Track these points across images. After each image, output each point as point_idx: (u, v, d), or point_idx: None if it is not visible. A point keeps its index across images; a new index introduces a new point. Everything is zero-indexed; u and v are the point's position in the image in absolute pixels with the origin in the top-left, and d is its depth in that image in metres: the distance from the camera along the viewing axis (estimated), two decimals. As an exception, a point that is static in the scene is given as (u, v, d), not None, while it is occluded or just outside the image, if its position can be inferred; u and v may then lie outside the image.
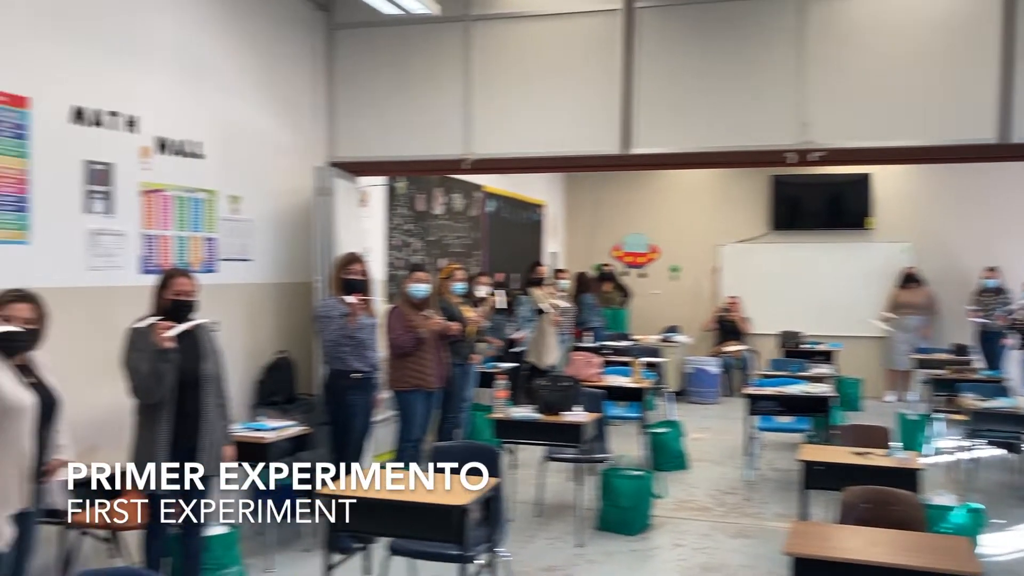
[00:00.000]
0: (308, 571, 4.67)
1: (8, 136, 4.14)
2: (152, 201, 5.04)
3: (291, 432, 5.11)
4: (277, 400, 5.92)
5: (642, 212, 12.47)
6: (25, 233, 4.24)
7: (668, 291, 12.31)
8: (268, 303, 6.11)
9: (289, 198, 6.30)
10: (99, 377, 4.32)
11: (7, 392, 3.18)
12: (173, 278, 4.12)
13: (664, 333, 11.10)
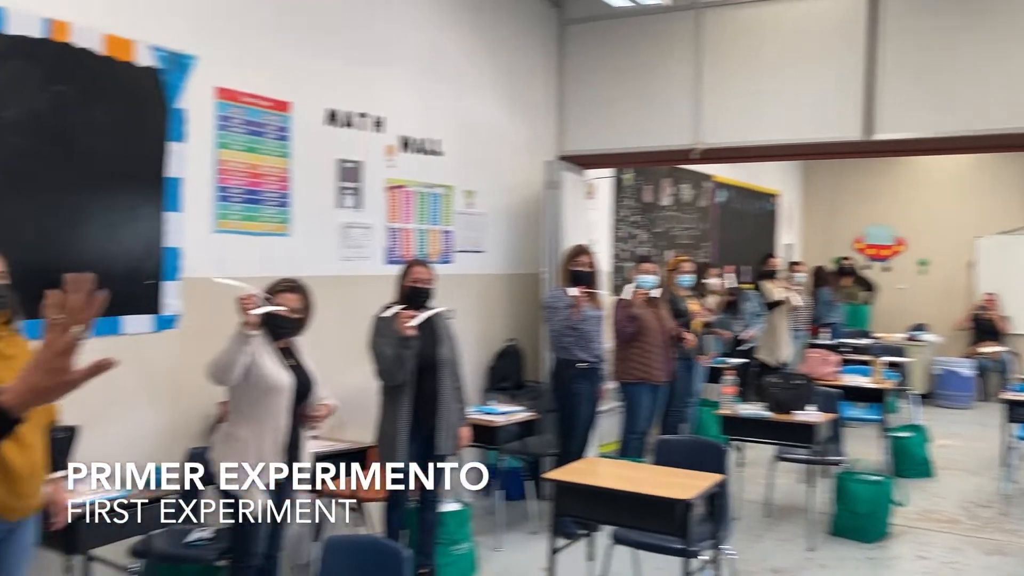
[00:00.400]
0: (534, 552, 4.81)
1: (274, 138, 4.57)
2: (396, 196, 5.38)
3: (520, 417, 5.28)
4: (506, 386, 6.13)
5: (886, 201, 11.68)
6: (286, 226, 4.67)
7: (915, 286, 11.46)
8: (499, 293, 6.34)
9: (520, 192, 6.50)
10: (348, 359, 4.68)
11: (269, 372, 3.52)
12: (412, 267, 4.40)
13: (910, 331, 10.36)
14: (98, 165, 3.75)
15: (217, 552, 3.70)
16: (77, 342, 1.19)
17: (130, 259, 3.89)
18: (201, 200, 4.21)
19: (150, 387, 4.00)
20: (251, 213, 4.47)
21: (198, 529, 3.84)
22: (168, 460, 3.83)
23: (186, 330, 4.08)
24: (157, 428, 4.04)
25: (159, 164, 4.00)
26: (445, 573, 4.48)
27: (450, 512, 4.63)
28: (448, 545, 4.57)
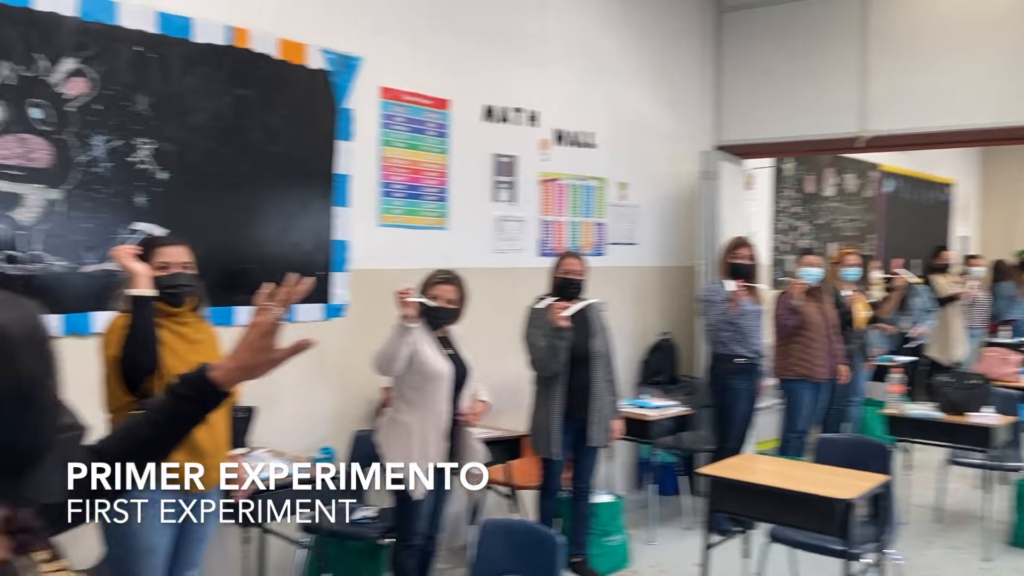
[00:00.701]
0: (687, 547, 4.77)
1: (434, 135, 4.73)
2: (549, 189, 5.44)
3: (673, 412, 5.24)
4: (660, 380, 6.09)
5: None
6: (444, 220, 4.82)
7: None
8: (652, 286, 6.30)
9: (674, 183, 6.42)
10: (502, 350, 4.78)
11: (429, 360, 3.66)
12: (564, 259, 4.46)
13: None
14: (274, 164, 4.00)
15: (380, 531, 3.88)
16: (279, 324, 1.30)
17: (303, 252, 4.12)
18: (367, 196, 4.41)
19: (320, 372, 4.23)
20: (412, 208, 4.64)
21: (363, 508, 4.04)
22: (336, 441, 4.06)
23: (353, 319, 4.29)
24: (326, 411, 4.27)
25: (329, 162, 4.22)
26: (598, 563, 4.52)
27: (603, 503, 4.65)
28: (601, 536, 4.60)
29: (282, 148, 4.02)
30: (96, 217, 3.41)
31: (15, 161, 3.19)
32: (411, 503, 3.68)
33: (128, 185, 3.50)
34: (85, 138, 3.37)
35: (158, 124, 3.58)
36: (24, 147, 3.21)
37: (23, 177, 3.21)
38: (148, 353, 2.74)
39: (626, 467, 5.94)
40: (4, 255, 3.17)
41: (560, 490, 4.46)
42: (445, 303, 3.72)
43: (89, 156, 3.39)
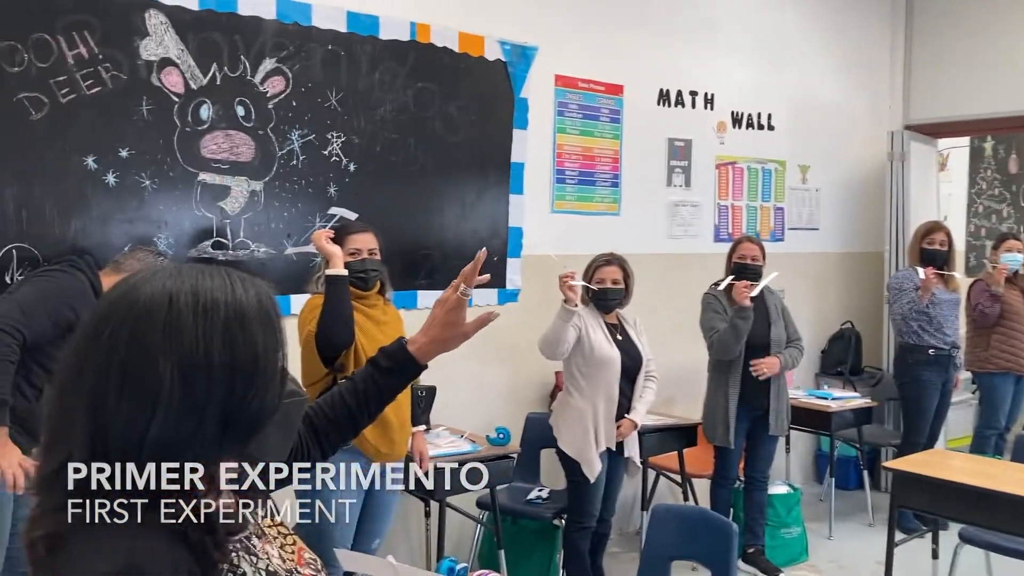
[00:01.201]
0: (869, 545, 4.58)
1: (607, 121, 4.75)
2: (725, 173, 5.34)
3: (855, 404, 5.03)
4: (841, 371, 5.85)
5: None
6: (617, 206, 4.83)
7: None
8: (834, 273, 6.05)
9: (858, 166, 6.14)
10: (676, 336, 4.75)
11: (597, 346, 3.70)
12: (741, 243, 4.36)
13: None
14: (454, 153, 4.14)
15: (554, 511, 3.96)
16: (465, 300, 1.39)
17: (480, 238, 4.25)
18: (540, 183, 4.49)
19: (495, 355, 4.35)
20: (585, 194, 4.68)
21: (537, 488, 4.14)
22: (511, 423, 4.17)
23: (526, 304, 4.39)
24: (501, 393, 4.39)
25: (506, 150, 4.32)
26: (774, 555, 4.41)
27: (779, 494, 4.54)
28: (777, 528, 4.50)
29: (461, 138, 4.16)
30: (293, 206, 3.66)
31: (223, 156, 3.47)
32: (584, 486, 3.74)
33: (321, 176, 3.73)
34: (283, 133, 3.62)
35: (347, 118, 3.79)
36: (231, 142, 3.49)
37: (229, 170, 3.49)
38: (345, 328, 2.93)
39: (803, 459, 5.76)
40: (213, 242, 3.46)
41: (735, 480, 4.39)
42: (610, 285, 3.74)
43: (287, 150, 3.64)
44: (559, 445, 3.79)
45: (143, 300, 0.95)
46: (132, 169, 3.25)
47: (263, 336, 0.99)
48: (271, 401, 0.99)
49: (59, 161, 3.05)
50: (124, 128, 3.23)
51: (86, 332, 0.96)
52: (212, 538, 0.96)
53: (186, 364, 0.93)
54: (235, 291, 0.99)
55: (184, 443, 0.94)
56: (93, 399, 0.93)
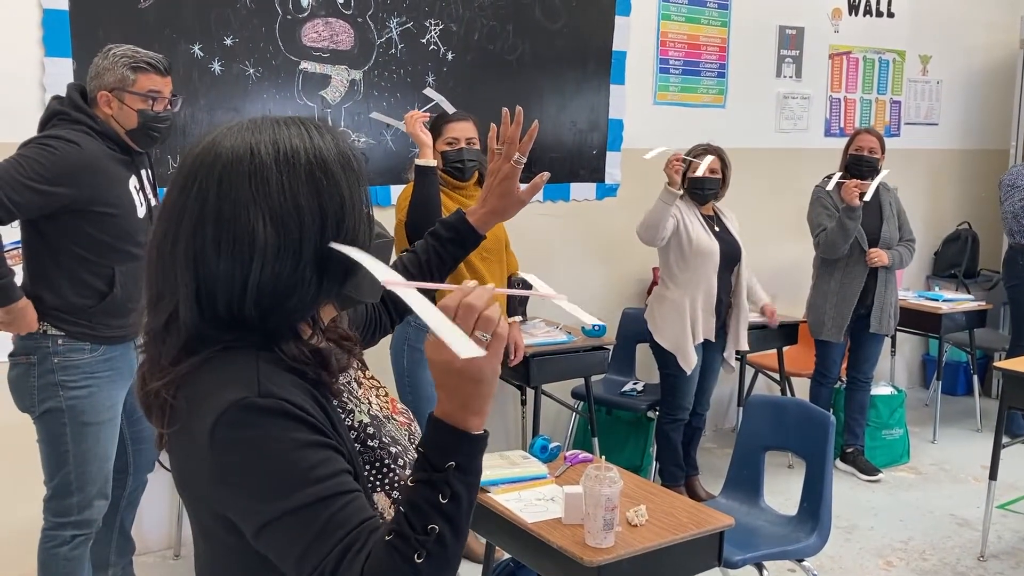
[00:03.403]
0: (975, 449, 4.46)
1: (714, 7, 4.55)
2: (839, 64, 5.07)
3: (967, 306, 4.83)
4: (955, 273, 5.61)
5: None
6: (723, 98, 4.66)
7: None
8: (953, 170, 5.74)
9: (987, 55, 5.73)
10: (783, 233, 4.62)
11: (696, 237, 3.64)
12: (859, 135, 4.17)
13: None
14: (553, 41, 4.05)
15: (648, 403, 3.98)
16: (518, 168, 1.39)
17: (578, 131, 4.19)
18: (643, 73, 4.36)
19: (593, 250, 4.34)
20: (689, 85, 4.53)
21: (632, 380, 4.17)
22: (608, 317, 4.18)
23: (625, 199, 4.33)
24: (598, 287, 4.39)
25: (607, 39, 4.20)
26: (873, 456, 4.35)
27: (882, 396, 4.45)
28: (879, 429, 4.42)
29: (561, 25, 4.06)
30: (393, 96, 3.67)
31: (323, 44, 3.49)
32: (679, 378, 3.74)
33: (419, 65, 3.72)
34: (382, 21, 3.61)
35: (445, 5, 3.74)
36: (330, 30, 3.50)
37: (329, 59, 3.51)
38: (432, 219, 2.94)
39: (911, 362, 5.61)
40: (316, 131, 3.51)
41: (836, 379, 4.32)
42: (708, 174, 3.65)
43: (385, 38, 3.63)
44: (655, 338, 3.78)
45: (225, 153, 0.98)
46: (237, 57, 3.31)
47: (346, 179, 1.01)
48: (362, 242, 1.02)
49: (167, 48, 3.13)
50: (228, 15, 3.27)
51: (175, 189, 1.00)
52: (326, 372, 1.01)
53: (276, 211, 0.96)
54: (312, 138, 1.01)
55: (284, 287, 0.97)
56: (191, 253, 0.97)
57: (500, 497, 2.33)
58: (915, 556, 3.51)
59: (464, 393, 0.92)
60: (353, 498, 0.93)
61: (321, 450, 0.93)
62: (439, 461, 0.91)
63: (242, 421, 0.92)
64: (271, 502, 0.91)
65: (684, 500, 2.44)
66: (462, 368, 0.89)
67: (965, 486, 4.10)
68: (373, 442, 1.05)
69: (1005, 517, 3.81)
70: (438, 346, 0.88)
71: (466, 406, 0.92)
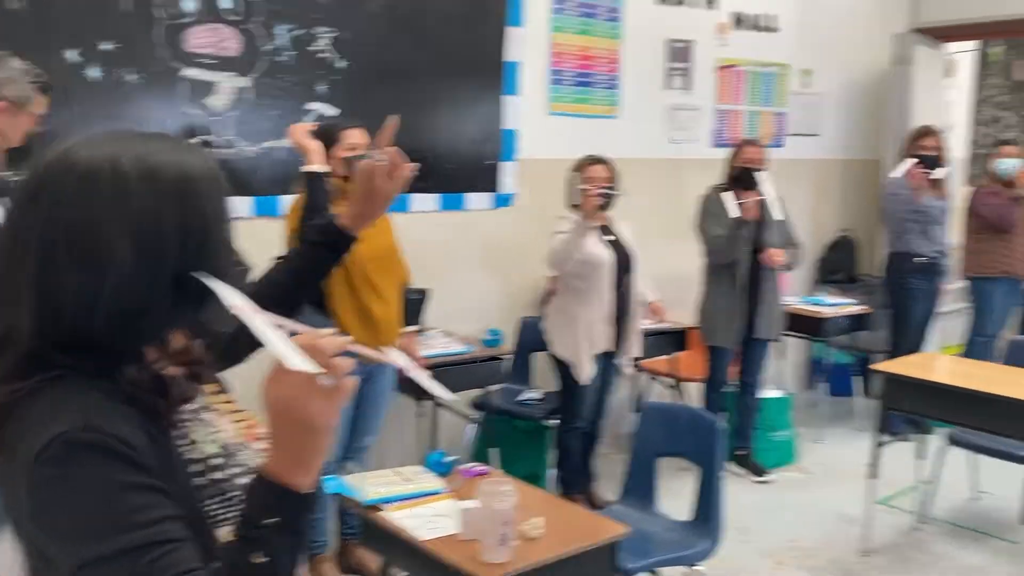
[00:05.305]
0: (857, 448, 4.62)
1: (605, 20, 4.61)
2: (726, 76, 5.22)
3: (850, 310, 5.04)
4: (837, 278, 5.84)
5: None
6: (616, 109, 4.74)
7: None
8: (834, 180, 5.99)
9: (864, 70, 6.00)
10: (673, 241, 4.72)
11: (590, 249, 3.67)
12: (744, 147, 4.30)
13: None
14: (447, 51, 4.04)
15: (546, 412, 4.00)
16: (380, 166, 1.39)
17: (472, 141, 4.18)
18: (537, 84, 4.39)
19: (488, 259, 4.34)
20: (582, 96, 4.58)
21: (530, 390, 4.18)
22: (504, 326, 4.18)
23: (520, 208, 4.35)
24: (494, 296, 4.39)
25: (499, 49, 4.21)
26: (763, 458, 4.49)
27: (770, 398, 4.59)
28: (767, 431, 4.56)
29: (454, 36, 4.05)
30: (282, 104, 3.58)
31: (208, 50, 3.38)
32: (576, 387, 3.77)
33: (310, 73, 3.65)
34: (270, 27, 3.52)
35: (337, 13, 3.68)
36: (216, 36, 3.40)
37: (215, 65, 3.41)
38: None
39: (798, 366, 5.80)
40: (199, 140, 3.40)
41: (727, 383, 4.43)
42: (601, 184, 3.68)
43: (274, 45, 3.54)
44: (552, 349, 3.81)
45: (83, 164, 0.92)
46: (116, 63, 3.17)
47: (211, 199, 0.97)
48: (222, 267, 0.97)
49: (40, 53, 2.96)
50: (106, 19, 3.13)
51: (24, 198, 0.94)
52: (164, 401, 0.96)
53: (135, 227, 0.91)
54: (179, 155, 0.96)
55: (137, 307, 0.92)
56: (39, 266, 0.91)
57: (395, 514, 2.29)
58: (804, 554, 3.63)
59: (296, 444, 0.88)
60: (173, 548, 0.87)
61: (145, 493, 0.88)
62: (259, 518, 0.87)
63: (64, 457, 0.86)
64: (88, 545, 0.85)
65: (580, 511, 2.46)
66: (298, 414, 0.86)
67: (849, 484, 4.25)
68: (219, 474, 1.00)
69: (888, 513, 3.98)
70: (276, 380, 0.85)
71: (297, 459, 0.88)
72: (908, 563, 3.57)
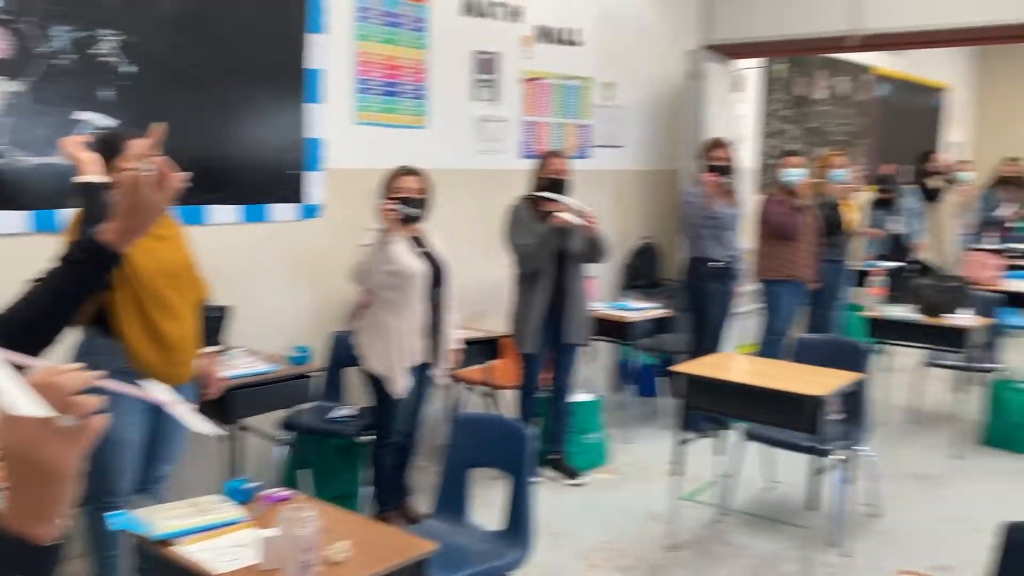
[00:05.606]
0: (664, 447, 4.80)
1: (411, 29, 4.59)
2: (532, 89, 5.32)
3: (653, 314, 5.24)
4: (642, 284, 6.09)
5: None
6: (424, 119, 4.72)
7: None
8: (637, 189, 6.23)
9: (662, 84, 6.29)
10: (483, 251, 4.75)
11: (402, 261, 3.63)
12: (550, 158, 4.39)
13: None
14: (244, 58, 3.88)
15: (358, 428, 3.91)
16: (144, 177, 1.30)
17: (274, 150, 4.04)
18: (342, 92, 4.30)
19: (296, 272, 4.20)
20: (390, 105, 4.53)
21: (342, 407, 4.07)
22: (314, 341, 4.06)
23: (329, 219, 4.24)
24: (302, 311, 4.26)
25: (300, 56, 4.09)
26: (575, 460, 4.59)
27: (581, 402, 4.70)
28: (579, 434, 4.66)
29: (252, 41, 3.90)
30: (61, 110, 3.32)
31: (-29, 51, 3.08)
32: (390, 402, 3.71)
33: (93, 78, 3.40)
34: (45, 28, 3.26)
35: (123, 15, 3.46)
36: (-20, 36, 3.10)
37: (-19, 68, 3.11)
38: None
39: (607, 369, 5.99)
40: (-35, 149, 3.09)
41: (539, 389, 4.50)
42: (414, 195, 3.65)
43: (50, 47, 3.27)
44: (364, 364, 3.73)
45: None
46: None
47: None
48: None
49: None
50: None
51: None
52: None
53: None
54: None
55: None
56: None
57: (189, 548, 2.15)
58: (615, 554, 3.73)
59: (34, 493, 0.79)
60: None
61: None
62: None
63: None
64: None
65: (388, 530, 2.40)
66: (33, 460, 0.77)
67: (658, 482, 4.42)
68: None
69: (692, 507, 4.16)
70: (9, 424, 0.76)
71: (35, 509, 0.79)
72: (710, 555, 3.74)
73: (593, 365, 5.43)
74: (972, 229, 8.29)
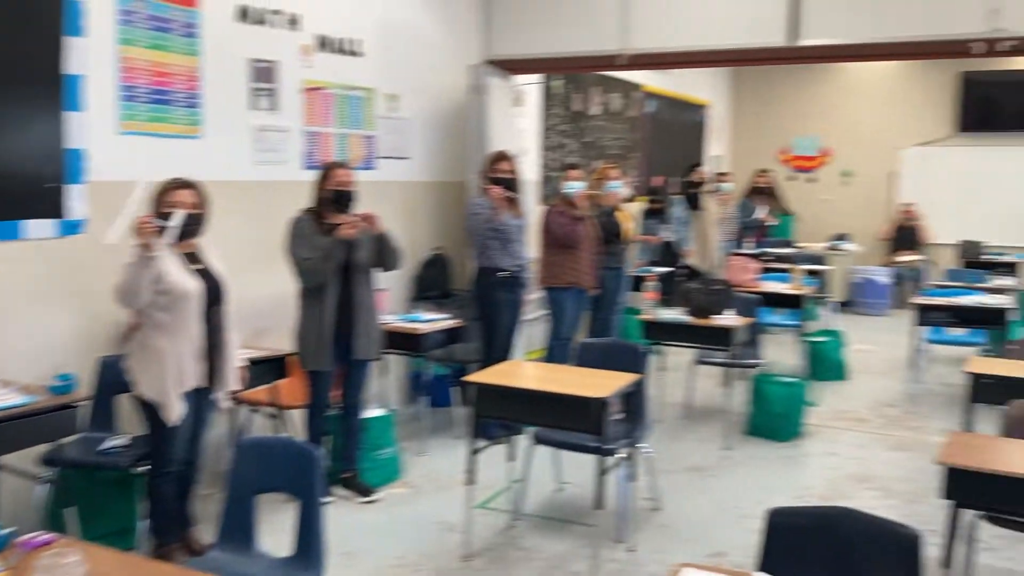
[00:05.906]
0: (458, 457, 4.85)
1: (181, 35, 4.36)
2: (313, 99, 5.21)
3: (444, 325, 5.28)
4: (433, 295, 6.11)
5: (813, 112, 11.78)
6: (198, 128, 4.49)
7: (839, 197, 11.68)
8: (425, 201, 6.25)
9: (446, 97, 6.35)
10: (266, 265, 4.58)
11: (175, 280, 3.41)
12: (334, 170, 4.30)
13: (832, 241, 10.60)
14: (-12, 60, 3.53)
15: (133, 459, 3.65)
16: None
17: (29, 161, 3.70)
18: (104, 100, 4.01)
19: (58, 293, 3.87)
20: (159, 114, 4.28)
21: (113, 437, 3.78)
22: (79, 368, 3.74)
23: (94, 235, 3.93)
24: (65, 335, 3.92)
25: (55, 61, 3.78)
26: (369, 477, 4.52)
27: (374, 418, 4.64)
28: (372, 450, 4.60)
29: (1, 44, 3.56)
30: None
31: None
32: (166, 429, 3.48)
33: None
34: None
35: None
36: None
37: None
38: None
39: (400, 382, 5.95)
40: None
41: (329, 407, 4.40)
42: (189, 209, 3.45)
43: None
44: (137, 390, 3.48)
45: None
46: None
47: None
48: None
49: None
50: None
51: None
52: None
53: None
54: None
55: None
56: None
57: (-71, 609, 1.91)
58: (410, 569, 3.70)
59: None
60: None
61: None
62: None
63: None
64: None
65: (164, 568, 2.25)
66: None
67: (452, 492, 4.44)
68: None
69: (486, 515, 4.21)
70: None
71: None
72: (504, 561, 3.80)
73: (384, 379, 5.38)
74: (732, 236, 9.00)
